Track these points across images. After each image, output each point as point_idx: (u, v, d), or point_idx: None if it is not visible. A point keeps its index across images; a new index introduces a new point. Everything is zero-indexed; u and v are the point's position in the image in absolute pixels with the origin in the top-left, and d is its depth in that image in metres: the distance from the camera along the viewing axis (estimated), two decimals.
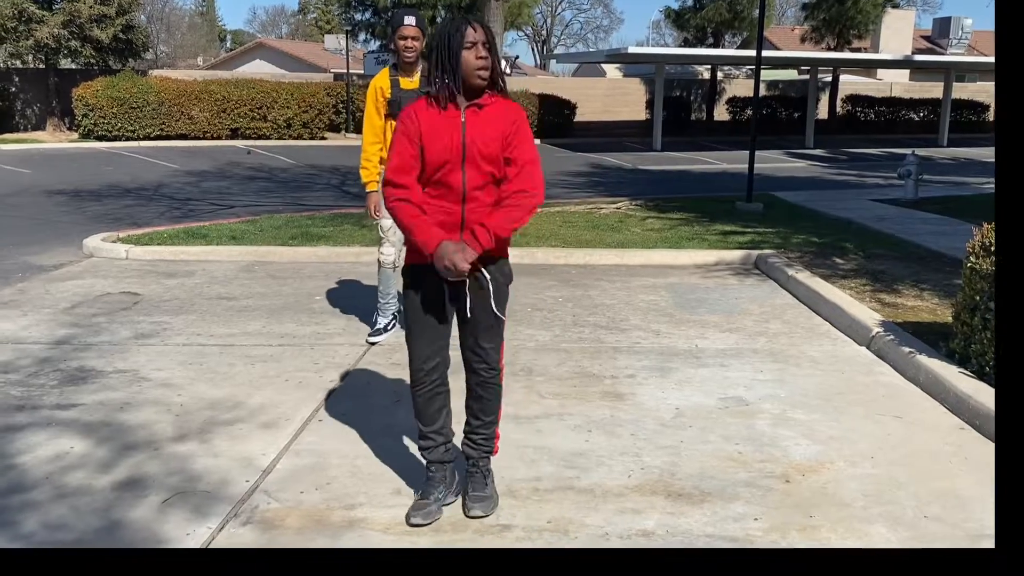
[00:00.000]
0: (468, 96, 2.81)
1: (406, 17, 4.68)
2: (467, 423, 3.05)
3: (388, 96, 4.83)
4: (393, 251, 5.05)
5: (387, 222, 5.00)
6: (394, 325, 5.13)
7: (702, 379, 4.40)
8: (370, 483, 3.22)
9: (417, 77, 4.81)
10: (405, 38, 4.69)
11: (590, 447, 3.54)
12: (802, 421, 3.84)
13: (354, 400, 4.09)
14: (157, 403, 4.02)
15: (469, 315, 2.89)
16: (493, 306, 2.88)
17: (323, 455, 3.46)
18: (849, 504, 3.07)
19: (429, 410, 2.98)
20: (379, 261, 5.12)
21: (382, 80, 4.87)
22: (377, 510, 3.02)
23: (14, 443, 3.56)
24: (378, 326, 5.14)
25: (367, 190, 5.00)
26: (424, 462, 3.05)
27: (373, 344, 5.01)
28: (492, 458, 3.09)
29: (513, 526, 2.91)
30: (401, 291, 4.90)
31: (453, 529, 2.90)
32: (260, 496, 3.11)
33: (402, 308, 4.95)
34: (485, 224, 2.76)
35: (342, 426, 3.77)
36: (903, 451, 3.53)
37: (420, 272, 2.87)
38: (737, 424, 3.80)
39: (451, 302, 2.90)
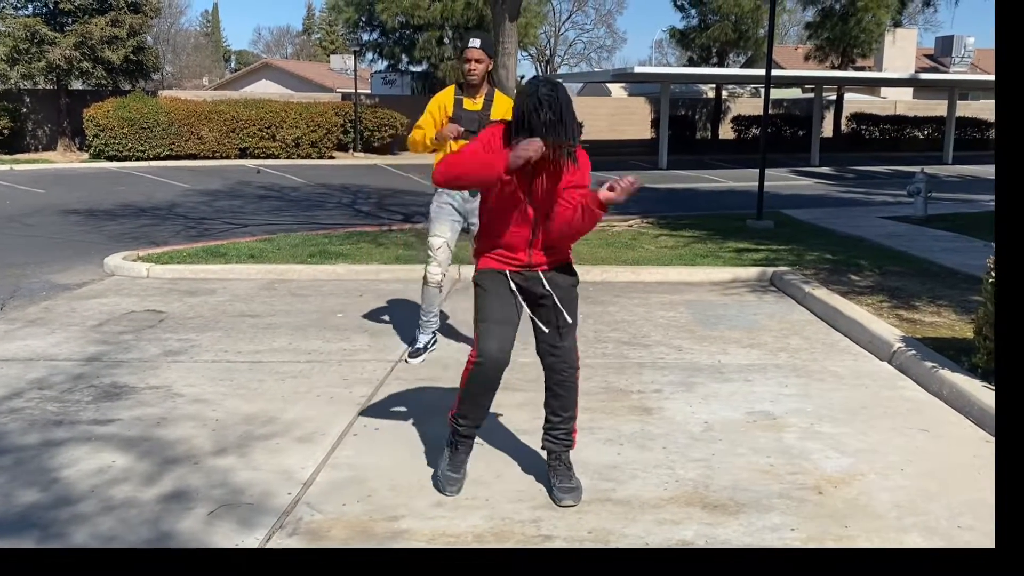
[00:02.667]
0: None
1: (472, 40, 4.70)
2: (547, 420, 3.31)
3: (450, 114, 4.81)
4: (439, 271, 5.01)
5: (437, 240, 4.97)
6: (435, 343, 5.16)
7: (728, 394, 4.46)
8: (410, 495, 3.28)
9: (480, 99, 4.81)
10: (469, 60, 4.68)
11: (623, 460, 3.60)
12: (830, 434, 3.89)
13: (387, 415, 4.15)
14: (193, 418, 4.09)
15: (546, 323, 3.21)
16: (563, 310, 3.20)
17: (361, 468, 3.52)
18: (883, 515, 3.12)
19: (484, 400, 3.25)
20: (425, 279, 5.06)
21: (447, 97, 4.87)
22: (419, 521, 3.07)
23: (56, 457, 3.62)
24: (418, 345, 5.12)
25: (436, 134, 4.82)
26: (453, 440, 3.32)
27: (412, 363, 5.01)
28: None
29: (555, 536, 2.96)
30: (425, 308, 4.93)
31: (496, 539, 2.95)
32: (303, 508, 3.17)
33: (421, 323, 5.06)
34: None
35: (377, 440, 3.83)
36: (932, 463, 3.58)
37: (493, 275, 3.18)
38: (766, 437, 3.86)
39: (524, 306, 3.21)
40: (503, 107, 4.79)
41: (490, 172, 2.95)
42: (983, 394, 4.08)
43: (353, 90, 26.24)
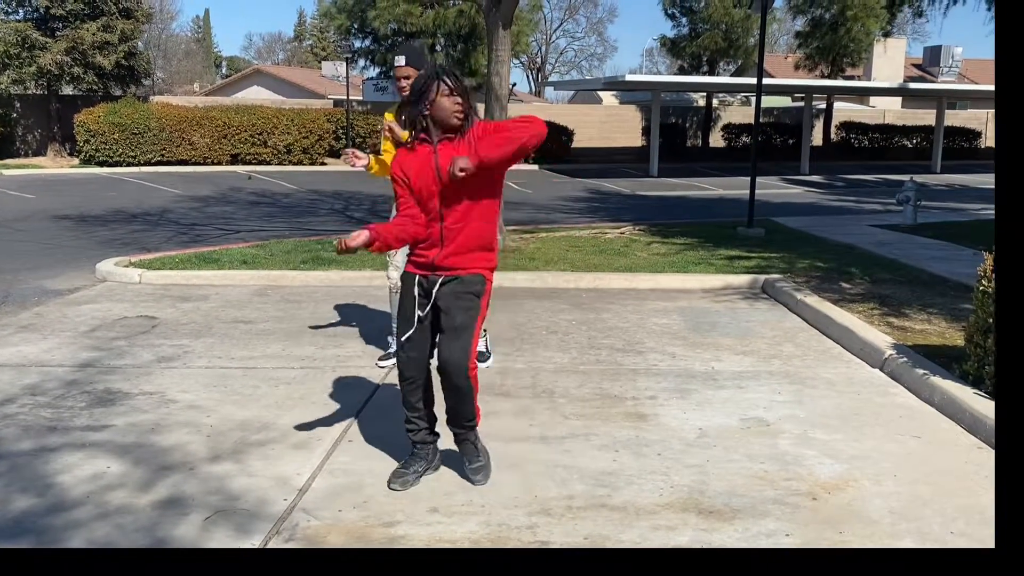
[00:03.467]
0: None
1: (397, 58, 4.63)
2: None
3: (395, 133, 4.75)
4: (398, 274, 5.03)
5: None
6: None
7: (721, 400, 4.48)
8: (406, 501, 3.28)
9: None
10: (399, 79, 4.62)
11: (619, 466, 3.61)
12: (824, 441, 3.92)
13: (382, 421, 4.15)
14: (187, 424, 4.08)
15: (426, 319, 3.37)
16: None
17: (357, 474, 3.52)
18: (877, 520, 3.14)
19: (412, 399, 3.43)
20: (389, 285, 5.18)
21: (390, 119, 4.84)
22: (416, 527, 3.08)
23: (50, 464, 3.61)
24: (389, 349, 5.24)
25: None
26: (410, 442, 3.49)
27: (382, 365, 5.11)
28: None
29: (551, 542, 2.97)
30: (393, 313, 4.95)
31: (493, 545, 2.96)
32: (299, 514, 3.17)
33: (394, 327, 5.12)
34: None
35: (372, 446, 3.83)
36: (925, 469, 3.61)
37: (406, 278, 3.40)
38: (760, 444, 3.88)
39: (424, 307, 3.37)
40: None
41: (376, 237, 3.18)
42: (974, 401, 4.11)
43: (345, 96, 26.25)
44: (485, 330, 5.05)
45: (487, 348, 5.15)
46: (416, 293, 3.36)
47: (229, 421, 4.13)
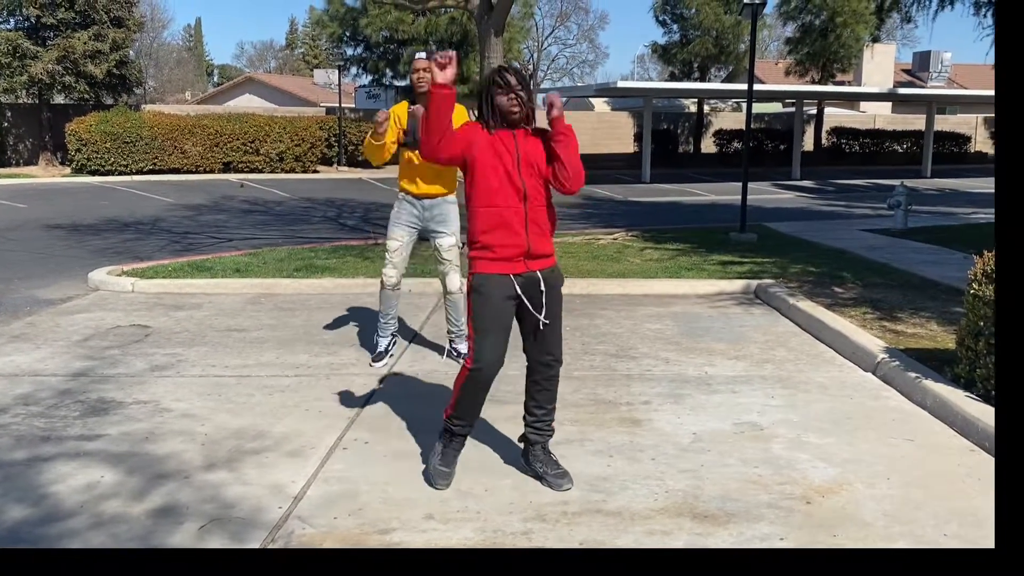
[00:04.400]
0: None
1: (418, 53, 5.14)
2: (531, 414, 3.52)
3: (404, 126, 5.07)
4: (395, 273, 5.21)
5: (394, 243, 5.18)
6: (394, 345, 5.36)
7: (715, 405, 4.50)
8: (401, 508, 3.28)
9: None
10: (417, 70, 4.99)
11: (613, 471, 3.62)
12: (817, 444, 3.94)
13: (376, 428, 4.15)
14: (181, 433, 4.08)
15: (543, 319, 3.35)
16: (555, 308, 3.42)
17: (352, 482, 3.52)
18: (870, 523, 3.16)
19: (480, 401, 3.44)
20: (381, 282, 5.25)
21: (400, 110, 5.13)
22: (412, 534, 3.08)
23: (44, 473, 3.60)
24: (379, 349, 5.30)
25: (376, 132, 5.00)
26: (447, 438, 3.50)
27: (375, 367, 5.18)
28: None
29: (547, 548, 2.98)
30: (383, 311, 5.02)
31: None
32: (295, 522, 3.17)
33: (379, 326, 5.26)
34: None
35: (367, 454, 3.83)
36: (917, 472, 3.63)
37: (494, 280, 3.28)
38: (754, 448, 3.89)
39: (520, 308, 3.35)
40: (458, 116, 4.98)
41: (437, 101, 3.23)
42: (966, 404, 4.14)
43: (337, 104, 26.27)
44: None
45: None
46: (513, 293, 3.32)
47: (223, 429, 4.13)
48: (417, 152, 4.97)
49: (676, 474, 3.60)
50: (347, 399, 4.59)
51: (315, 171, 23.71)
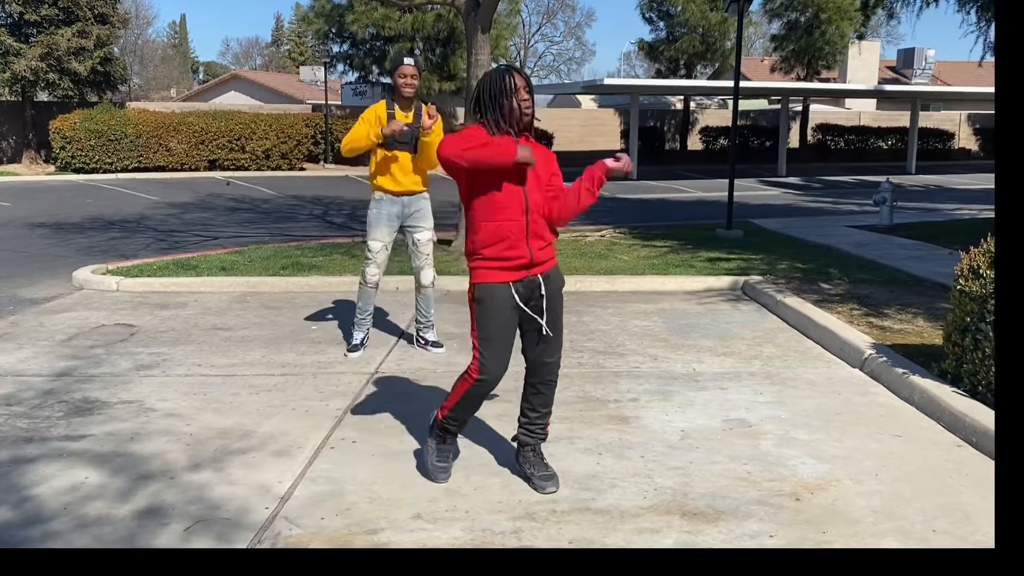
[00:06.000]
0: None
1: (406, 58, 5.15)
2: (525, 415, 3.47)
3: (384, 125, 5.13)
4: (377, 271, 5.37)
5: (376, 244, 5.31)
6: (367, 340, 5.50)
7: (703, 402, 4.49)
8: (389, 508, 3.26)
9: (411, 112, 5.20)
10: (405, 76, 5.11)
11: (602, 469, 3.61)
12: (805, 441, 3.94)
13: (363, 427, 4.13)
14: (167, 433, 4.04)
15: (546, 328, 3.33)
16: (556, 312, 3.40)
17: (339, 482, 3.49)
18: (859, 520, 3.16)
19: (478, 406, 3.42)
20: (363, 279, 5.39)
21: (380, 110, 5.21)
22: (400, 534, 3.06)
23: (27, 475, 3.56)
24: (355, 341, 5.45)
25: (380, 129, 5.10)
26: (440, 437, 3.48)
27: (351, 357, 5.34)
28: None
29: (535, 547, 2.96)
30: (361, 307, 5.06)
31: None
32: (281, 523, 3.14)
33: (356, 321, 5.42)
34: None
35: (354, 453, 3.80)
36: (906, 468, 3.63)
37: (495, 290, 3.24)
38: (743, 445, 3.89)
39: (524, 315, 3.32)
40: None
41: (506, 158, 3.10)
42: (953, 399, 4.15)
43: (323, 101, 26.15)
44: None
45: (437, 339, 5.56)
46: (514, 304, 3.27)
47: (209, 429, 4.09)
48: (398, 151, 5.17)
49: (665, 472, 3.59)
50: (334, 398, 4.56)
51: (302, 168, 23.60)
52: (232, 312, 6.65)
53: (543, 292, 3.32)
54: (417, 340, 5.58)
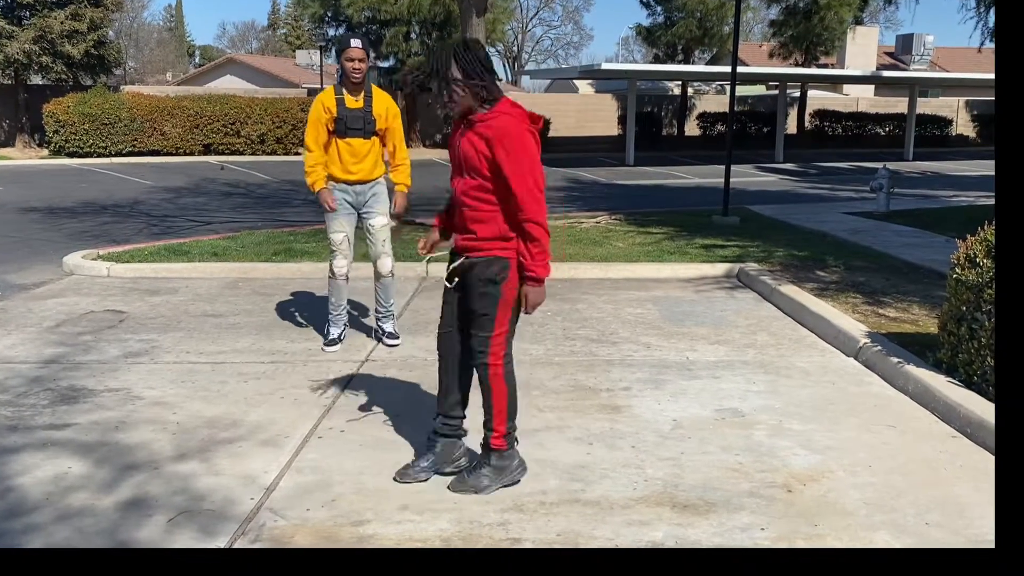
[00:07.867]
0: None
1: (352, 40, 4.88)
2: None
3: (335, 114, 4.95)
4: (345, 263, 5.23)
5: (338, 236, 5.17)
6: (344, 335, 5.34)
7: (696, 391, 4.45)
8: (376, 499, 3.22)
9: (361, 96, 5.00)
10: (353, 60, 4.85)
11: (592, 460, 3.57)
12: (798, 431, 3.90)
13: (352, 416, 4.08)
14: (153, 422, 3.99)
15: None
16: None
17: (326, 472, 3.45)
18: (852, 512, 3.12)
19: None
20: (332, 272, 5.24)
21: (328, 99, 4.97)
22: (386, 526, 3.02)
23: (9, 464, 3.51)
24: (331, 337, 5.29)
25: (316, 190, 5.08)
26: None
27: (328, 351, 5.20)
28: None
29: (523, 539, 2.92)
30: (335, 302, 5.32)
31: (464, 543, 2.91)
32: (266, 514, 3.10)
33: (331, 317, 5.29)
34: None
35: (342, 443, 3.76)
36: (899, 459, 3.59)
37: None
38: (735, 435, 3.85)
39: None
40: (383, 102, 5.07)
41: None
42: (948, 389, 4.11)
43: (319, 85, 25.97)
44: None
45: (395, 330, 5.40)
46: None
47: (196, 418, 4.05)
48: (354, 140, 5.00)
49: (656, 462, 3.55)
50: (323, 387, 4.52)
51: (297, 153, 23.43)
52: (223, 298, 6.59)
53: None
54: (376, 331, 5.43)
